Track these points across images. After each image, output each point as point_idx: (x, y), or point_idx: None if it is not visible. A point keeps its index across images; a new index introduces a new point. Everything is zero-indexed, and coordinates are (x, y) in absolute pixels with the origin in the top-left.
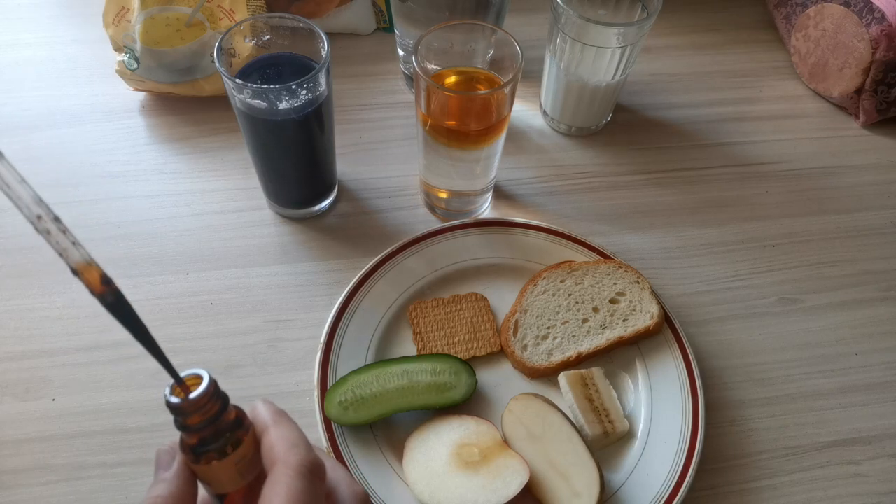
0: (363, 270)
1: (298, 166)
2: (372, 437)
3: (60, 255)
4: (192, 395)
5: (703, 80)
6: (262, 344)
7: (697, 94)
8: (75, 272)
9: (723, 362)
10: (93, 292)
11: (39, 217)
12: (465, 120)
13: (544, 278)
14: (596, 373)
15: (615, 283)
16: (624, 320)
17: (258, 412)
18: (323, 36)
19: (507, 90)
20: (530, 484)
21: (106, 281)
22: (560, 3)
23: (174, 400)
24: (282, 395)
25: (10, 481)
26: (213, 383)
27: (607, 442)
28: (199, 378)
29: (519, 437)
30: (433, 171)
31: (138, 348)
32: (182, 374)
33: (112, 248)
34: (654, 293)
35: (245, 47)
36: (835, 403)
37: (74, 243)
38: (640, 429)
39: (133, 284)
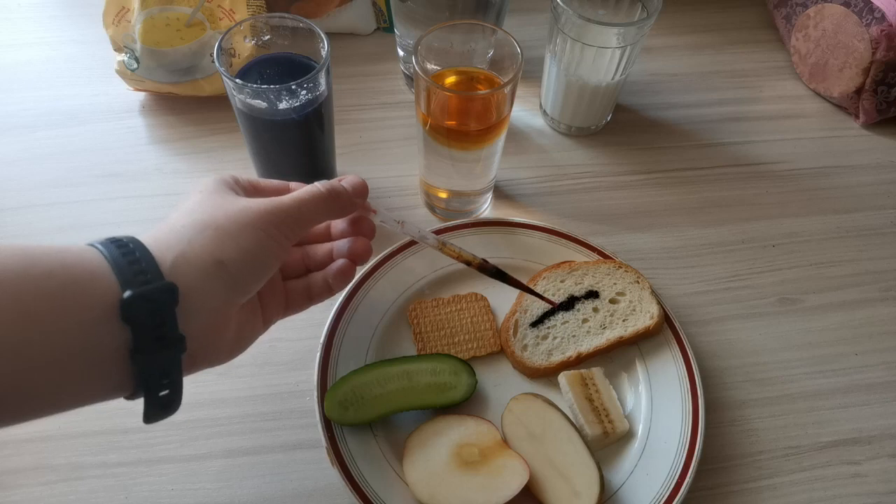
0: (363, 270)
1: (298, 166)
2: (372, 437)
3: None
4: None
5: (703, 80)
6: (262, 344)
7: (697, 94)
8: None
9: (723, 362)
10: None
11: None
12: (465, 120)
13: (544, 278)
14: (596, 373)
15: (615, 283)
16: (624, 320)
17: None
18: (323, 36)
19: (507, 90)
20: (530, 484)
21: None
22: (560, 3)
23: None
24: (282, 395)
25: (10, 481)
26: None
27: (607, 442)
28: None
29: (519, 437)
30: (433, 171)
31: None
32: None
33: None
34: (654, 293)
35: (245, 47)
36: (835, 403)
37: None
38: (640, 429)
39: None
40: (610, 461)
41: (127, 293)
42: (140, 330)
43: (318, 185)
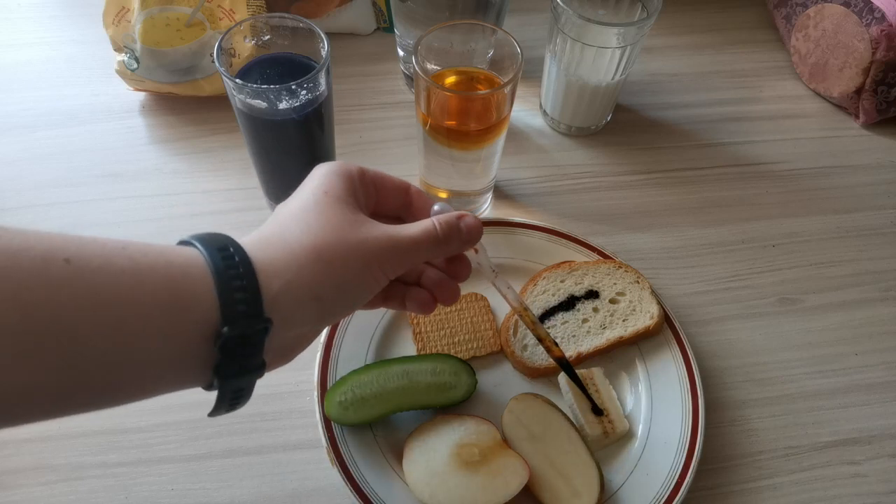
0: None
1: (298, 166)
2: (372, 437)
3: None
4: None
5: (703, 80)
6: None
7: (697, 94)
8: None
9: (723, 362)
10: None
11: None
12: (464, 120)
13: (544, 278)
14: (596, 373)
15: (615, 283)
16: (624, 320)
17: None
18: (323, 36)
19: (507, 90)
20: (530, 484)
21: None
22: (560, 3)
23: None
24: (282, 395)
25: (10, 481)
26: None
27: (607, 442)
28: None
29: (519, 437)
30: (433, 171)
31: None
32: None
33: None
34: (654, 293)
35: (245, 47)
36: (835, 403)
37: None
38: (640, 429)
39: None
40: (610, 461)
41: (226, 329)
42: (227, 356)
43: (436, 226)
